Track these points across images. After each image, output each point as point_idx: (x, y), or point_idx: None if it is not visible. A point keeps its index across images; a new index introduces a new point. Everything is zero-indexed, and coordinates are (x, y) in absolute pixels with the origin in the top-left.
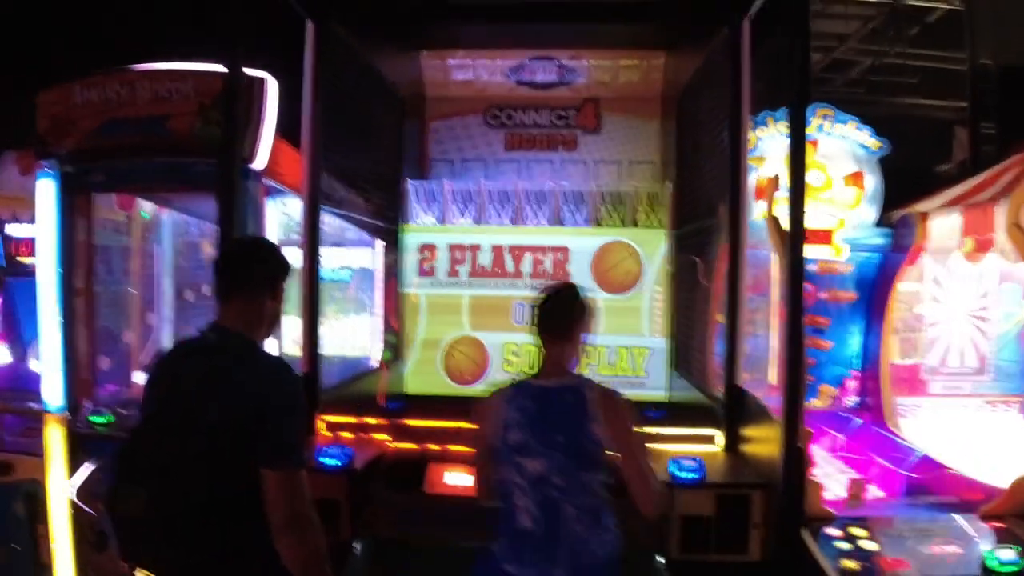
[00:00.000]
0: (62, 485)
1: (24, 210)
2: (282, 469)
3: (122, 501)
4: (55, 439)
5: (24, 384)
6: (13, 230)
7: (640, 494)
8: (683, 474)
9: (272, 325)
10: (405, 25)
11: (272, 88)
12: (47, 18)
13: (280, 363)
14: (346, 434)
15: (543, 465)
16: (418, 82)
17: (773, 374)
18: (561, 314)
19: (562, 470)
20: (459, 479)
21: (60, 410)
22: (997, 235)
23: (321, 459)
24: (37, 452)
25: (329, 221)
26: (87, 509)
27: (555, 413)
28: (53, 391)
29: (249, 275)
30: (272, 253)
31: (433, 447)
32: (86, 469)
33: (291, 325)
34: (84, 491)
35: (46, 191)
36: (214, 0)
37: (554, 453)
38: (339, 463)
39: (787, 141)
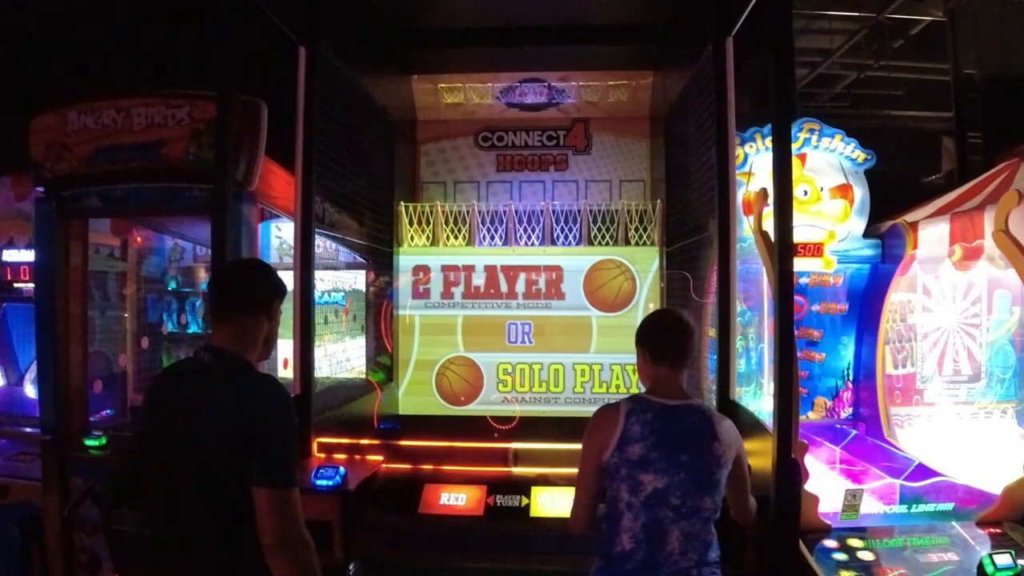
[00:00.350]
0: (56, 508)
1: (20, 235)
2: (273, 487)
3: (117, 520)
4: (50, 462)
5: (19, 408)
6: (9, 255)
7: (743, 508)
8: None
9: (268, 346)
10: (395, 50)
11: (264, 112)
12: (42, 44)
13: (271, 382)
14: (339, 455)
15: (663, 482)
16: (409, 105)
17: (768, 387)
18: (685, 344)
19: (683, 490)
20: (455, 499)
21: (54, 434)
22: (986, 242)
23: (314, 480)
24: (32, 476)
25: (322, 243)
26: (81, 531)
27: (681, 431)
28: (48, 415)
29: (245, 296)
30: (267, 274)
31: (427, 467)
32: (80, 492)
33: (284, 347)
34: (77, 514)
35: (41, 216)
36: (207, 25)
37: (678, 471)
38: (332, 484)
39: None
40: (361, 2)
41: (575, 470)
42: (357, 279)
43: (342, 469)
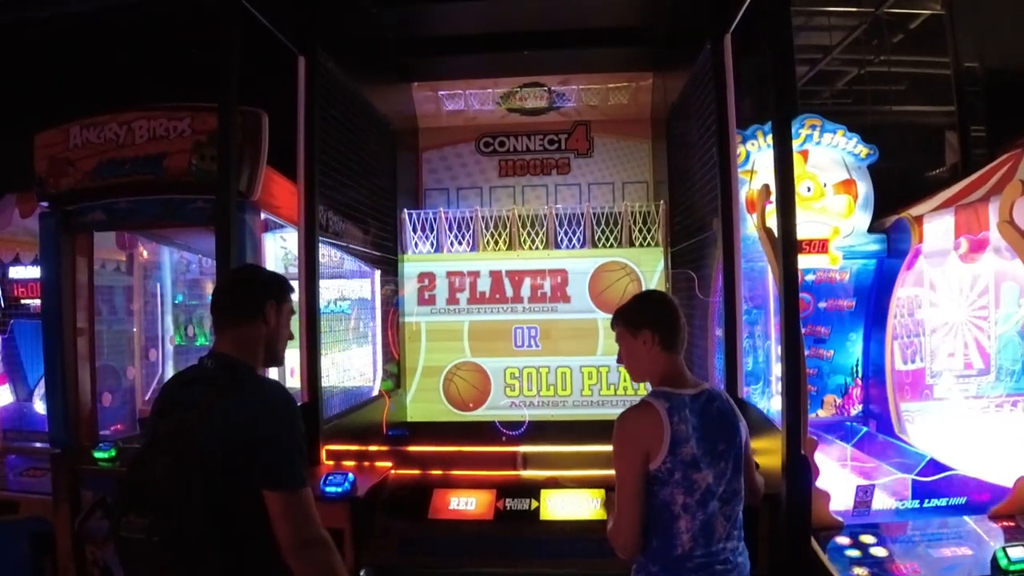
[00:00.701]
0: (67, 522)
1: (26, 252)
2: (283, 490)
3: (126, 529)
4: (60, 476)
5: (29, 424)
6: (16, 272)
7: (754, 485)
8: None
9: (271, 350)
10: (394, 58)
11: (265, 123)
12: (44, 60)
13: (275, 386)
14: (348, 462)
15: (711, 476)
16: (410, 113)
17: (776, 384)
18: (684, 328)
19: (725, 478)
20: (464, 504)
21: (64, 447)
22: (991, 234)
23: (323, 488)
24: (42, 491)
25: (327, 252)
26: (92, 544)
27: (712, 420)
28: (57, 429)
29: (237, 302)
30: (257, 278)
31: (436, 472)
32: (90, 504)
33: (291, 356)
34: (88, 526)
35: (46, 231)
36: (206, 36)
37: (718, 461)
38: (341, 491)
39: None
40: (359, 12)
41: (584, 472)
42: (362, 287)
43: (351, 476)
